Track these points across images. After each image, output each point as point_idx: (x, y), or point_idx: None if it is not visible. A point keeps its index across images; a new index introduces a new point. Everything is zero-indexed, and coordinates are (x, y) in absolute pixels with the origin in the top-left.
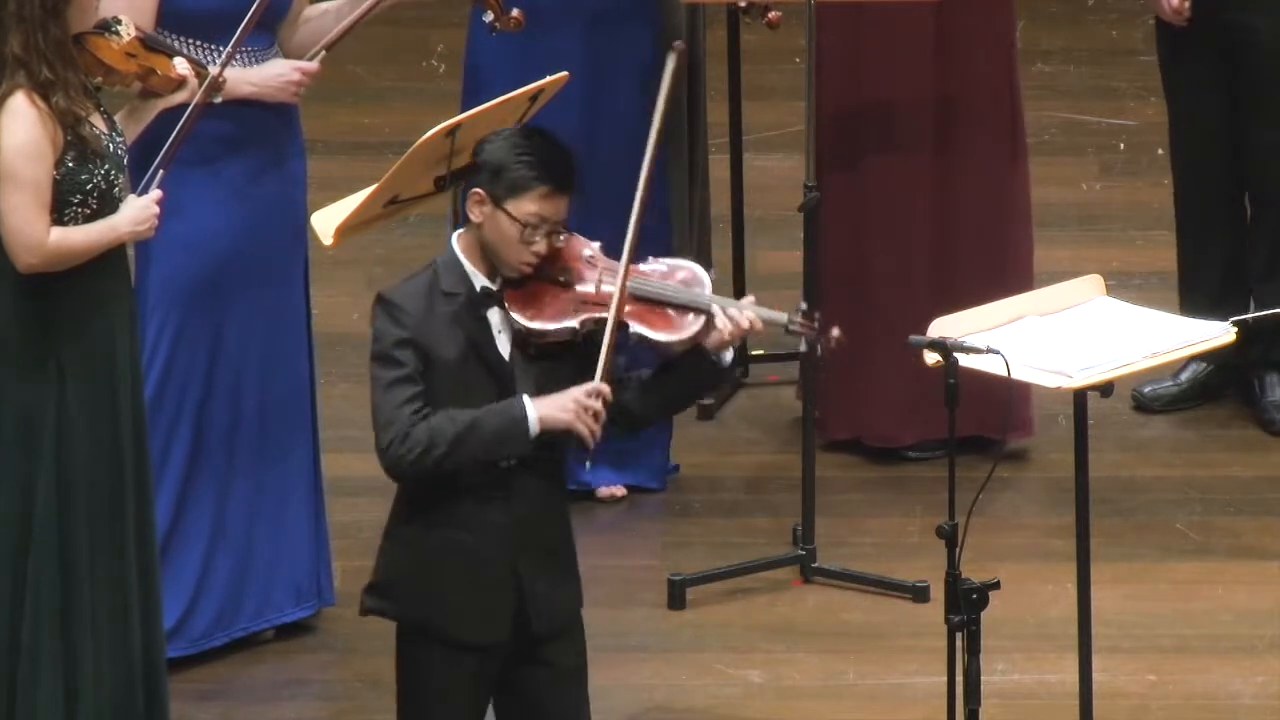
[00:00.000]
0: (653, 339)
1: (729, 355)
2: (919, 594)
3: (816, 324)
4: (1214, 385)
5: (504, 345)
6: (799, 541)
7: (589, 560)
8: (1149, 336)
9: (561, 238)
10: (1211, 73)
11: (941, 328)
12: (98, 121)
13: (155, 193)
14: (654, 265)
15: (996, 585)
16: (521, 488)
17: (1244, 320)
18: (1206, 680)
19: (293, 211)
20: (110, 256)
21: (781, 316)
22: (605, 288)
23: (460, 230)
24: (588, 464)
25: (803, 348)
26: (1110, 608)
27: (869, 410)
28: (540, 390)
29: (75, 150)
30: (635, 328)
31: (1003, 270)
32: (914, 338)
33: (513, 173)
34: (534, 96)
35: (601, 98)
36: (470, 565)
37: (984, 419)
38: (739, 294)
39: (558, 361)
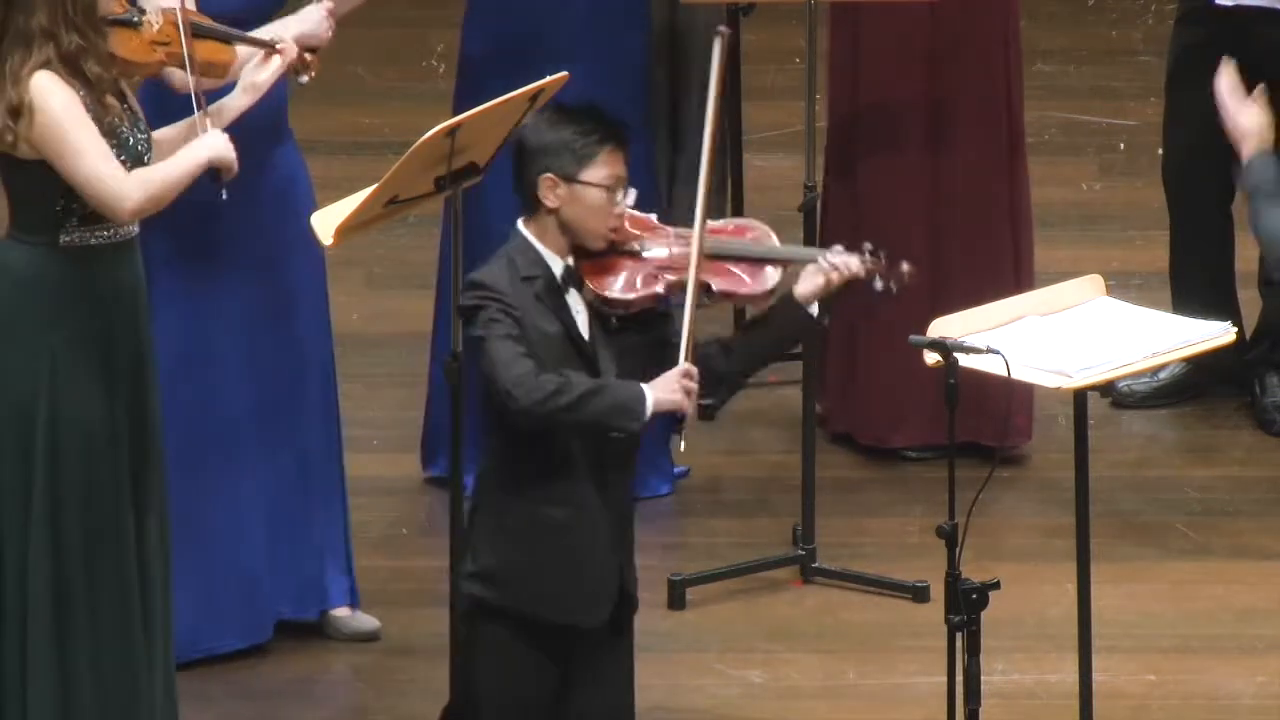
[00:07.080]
0: (740, 294)
1: (816, 305)
2: (919, 594)
3: (884, 260)
4: (1192, 384)
5: (583, 324)
6: (799, 541)
7: None
8: (1149, 336)
9: (629, 198)
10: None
11: (941, 328)
12: (117, 111)
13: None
14: (722, 224)
15: (996, 585)
16: (616, 469)
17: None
18: (1206, 680)
19: (291, 209)
20: (113, 253)
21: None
22: (678, 250)
23: (523, 218)
24: (682, 440)
25: (878, 286)
26: (1110, 608)
27: (864, 409)
28: (620, 364)
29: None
30: (719, 285)
31: (1002, 271)
32: (914, 337)
33: (576, 144)
34: (533, 97)
35: (593, 100)
36: (576, 547)
37: (980, 426)
38: None
39: (630, 334)
